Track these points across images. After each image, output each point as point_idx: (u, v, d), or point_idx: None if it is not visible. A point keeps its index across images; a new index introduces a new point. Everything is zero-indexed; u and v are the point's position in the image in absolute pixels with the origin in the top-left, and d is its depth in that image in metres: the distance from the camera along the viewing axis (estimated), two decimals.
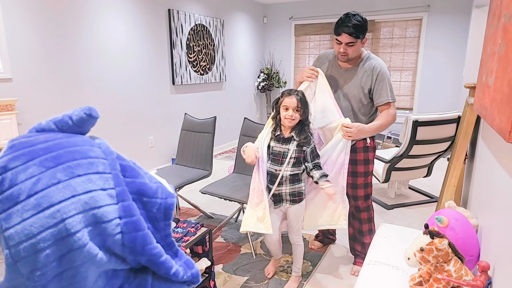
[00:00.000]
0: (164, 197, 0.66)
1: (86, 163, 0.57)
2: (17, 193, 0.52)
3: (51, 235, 0.51)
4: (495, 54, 1.36)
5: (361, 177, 2.31)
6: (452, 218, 1.56)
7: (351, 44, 2.07)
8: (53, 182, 0.53)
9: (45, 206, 0.52)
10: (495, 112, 1.16)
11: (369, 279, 1.58)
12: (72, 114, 0.61)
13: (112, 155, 0.63)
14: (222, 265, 2.53)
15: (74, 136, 0.61)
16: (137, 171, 0.65)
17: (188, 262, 0.70)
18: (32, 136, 0.58)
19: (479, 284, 1.18)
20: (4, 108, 2.88)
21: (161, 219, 0.66)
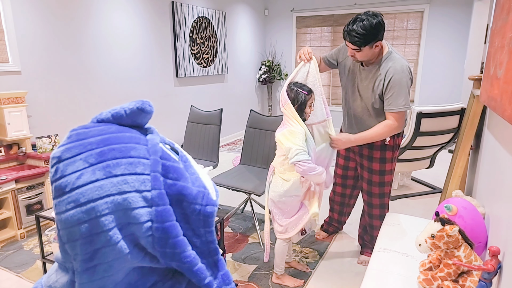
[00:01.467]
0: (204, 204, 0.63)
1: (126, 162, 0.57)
2: (64, 184, 0.55)
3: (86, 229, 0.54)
4: (504, 47, 1.40)
5: (377, 175, 2.28)
6: (461, 207, 1.61)
7: (357, 50, 1.98)
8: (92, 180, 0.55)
9: (82, 202, 0.54)
10: (506, 103, 1.21)
11: (379, 265, 1.63)
12: (126, 107, 0.62)
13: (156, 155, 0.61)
14: (231, 254, 2.59)
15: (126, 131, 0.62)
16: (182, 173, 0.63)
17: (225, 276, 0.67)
18: (90, 127, 0.60)
19: (489, 268, 1.23)
20: (14, 100, 2.91)
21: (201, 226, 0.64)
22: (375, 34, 1.91)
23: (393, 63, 2.01)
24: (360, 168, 2.37)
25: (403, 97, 2.00)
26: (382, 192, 2.33)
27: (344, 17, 6.15)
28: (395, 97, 2.00)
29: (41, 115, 3.33)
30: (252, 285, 2.25)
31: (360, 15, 1.94)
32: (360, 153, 2.33)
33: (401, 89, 1.99)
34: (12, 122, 2.93)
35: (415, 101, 5.99)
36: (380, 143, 2.21)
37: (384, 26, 1.96)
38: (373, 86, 2.08)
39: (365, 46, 1.94)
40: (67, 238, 0.55)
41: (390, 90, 2.00)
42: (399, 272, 1.58)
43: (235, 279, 2.30)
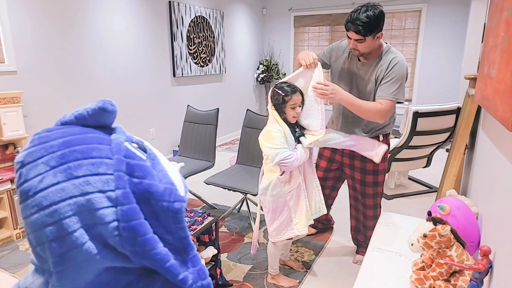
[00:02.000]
0: (172, 200, 0.62)
1: (87, 163, 0.57)
2: (28, 189, 0.54)
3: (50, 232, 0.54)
4: (497, 47, 1.40)
5: (370, 175, 2.27)
6: (454, 206, 1.61)
7: (360, 41, 1.96)
8: (53, 183, 0.54)
9: (45, 205, 0.53)
10: (498, 103, 1.21)
11: (373, 264, 1.63)
12: (89, 108, 0.61)
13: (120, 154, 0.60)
14: (226, 254, 2.59)
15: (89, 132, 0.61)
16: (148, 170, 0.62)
17: (201, 272, 0.67)
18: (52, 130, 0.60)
19: (480, 267, 1.23)
20: (10, 100, 2.90)
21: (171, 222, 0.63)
22: (378, 23, 1.93)
23: (396, 55, 2.03)
24: (351, 169, 2.34)
25: (398, 88, 1.99)
26: (376, 192, 2.32)
27: (342, 16, 6.15)
28: (389, 84, 1.99)
29: (37, 115, 3.32)
30: (247, 285, 2.25)
31: (361, 6, 1.95)
32: (351, 154, 2.28)
33: (398, 79, 1.99)
34: (8, 122, 2.92)
35: (412, 100, 5.99)
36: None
37: (384, 16, 1.97)
38: (376, 77, 2.06)
39: (369, 36, 1.93)
40: (35, 242, 0.55)
41: (388, 77, 1.99)
42: (392, 271, 1.58)
43: (230, 279, 2.31)
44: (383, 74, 2.01)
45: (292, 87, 1.95)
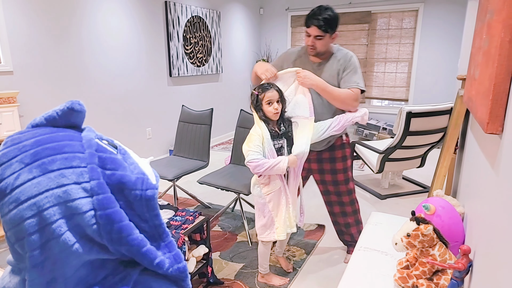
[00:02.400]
0: (144, 188, 0.66)
1: (61, 158, 0.60)
2: (4, 187, 0.57)
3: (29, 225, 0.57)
4: (481, 48, 1.42)
5: (341, 173, 2.34)
6: (439, 206, 1.63)
7: (319, 38, 2.05)
8: (29, 178, 0.57)
9: (23, 199, 0.56)
10: (478, 104, 1.23)
11: (359, 264, 1.65)
12: (58, 109, 0.64)
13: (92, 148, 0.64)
14: (219, 253, 2.61)
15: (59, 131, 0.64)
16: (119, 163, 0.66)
17: (177, 256, 0.70)
18: (24, 132, 0.63)
19: (460, 266, 1.25)
20: (6, 100, 2.92)
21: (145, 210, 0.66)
22: (336, 23, 2.08)
23: (345, 51, 2.20)
24: (320, 174, 2.38)
25: (359, 77, 2.14)
26: (349, 189, 2.38)
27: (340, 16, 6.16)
28: (352, 75, 2.13)
29: (33, 115, 3.34)
30: (238, 283, 2.27)
31: (321, 5, 2.08)
32: (319, 158, 2.34)
33: (357, 69, 2.15)
34: (3, 122, 2.94)
35: (409, 100, 6.01)
36: (339, 142, 2.32)
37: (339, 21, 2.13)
38: (337, 72, 2.16)
39: (328, 33, 2.05)
40: (15, 238, 0.57)
41: (349, 68, 2.13)
42: (377, 270, 1.60)
43: (222, 277, 2.33)
44: (344, 67, 2.15)
45: (266, 85, 2.00)
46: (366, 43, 6.13)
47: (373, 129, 5.89)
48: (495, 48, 1.00)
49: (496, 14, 1.09)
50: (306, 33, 2.11)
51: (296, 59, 2.25)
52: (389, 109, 6.23)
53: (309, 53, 2.17)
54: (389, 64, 6.05)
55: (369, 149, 3.69)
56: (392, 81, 6.08)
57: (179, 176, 2.99)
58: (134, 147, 4.51)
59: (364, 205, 3.47)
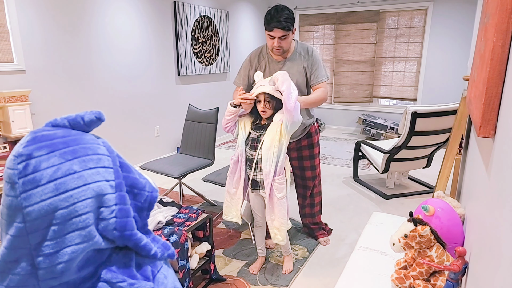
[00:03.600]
0: (150, 191, 0.79)
1: (96, 158, 0.69)
2: (39, 178, 0.63)
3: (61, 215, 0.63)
4: (479, 51, 1.42)
5: (317, 157, 2.56)
6: (438, 207, 1.64)
7: (284, 37, 2.15)
8: (70, 172, 0.65)
9: (61, 191, 0.63)
10: (474, 107, 1.24)
11: (358, 263, 1.67)
12: (84, 116, 0.72)
13: (113, 153, 0.74)
14: (222, 250, 2.65)
15: (85, 134, 0.73)
16: (130, 168, 0.77)
17: (165, 245, 0.81)
18: (51, 130, 0.69)
19: (455, 268, 1.26)
20: (18, 99, 3.00)
21: (146, 209, 0.78)
22: (294, 18, 2.19)
23: (305, 45, 2.33)
24: (299, 161, 2.56)
25: (324, 69, 2.32)
26: (319, 172, 2.63)
27: (347, 15, 6.15)
28: (319, 69, 2.29)
29: (44, 113, 3.42)
30: (241, 280, 2.30)
31: (277, 6, 2.15)
32: (298, 147, 2.52)
33: (321, 63, 2.32)
34: (16, 120, 3.02)
35: (417, 100, 5.97)
36: (314, 129, 2.52)
37: None
38: (305, 68, 2.30)
39: (291, 30, 2.15)
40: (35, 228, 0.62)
41: (314, 65, 2.28)
42: (376, 270, 1.62)
43: (224, 274, 2.36)
44: (310, 63, 2.29)
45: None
46: (375, 42, 6.11)
47: (380, 129, 5.87)
48: (488, 52, 1.01)
49: (491, 18, 1.10)
50: (269, 36, 2.19)
51: (261, 61, 2.36)
52: (397, 108, 6.19)
53: (275, 54, 2.26)
54: (398, 63, 6.02)
55: (375, 149, 3.68)
56: (400, 80, 6.05)
57: (185, 174, 3.04)
58: (142, 145, 4.58)
59: (368, 204, 3.48)
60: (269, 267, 2.44)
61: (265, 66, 2.35)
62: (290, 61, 2.30)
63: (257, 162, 2.09)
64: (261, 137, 2.07)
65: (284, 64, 2.31)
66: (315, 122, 2.56)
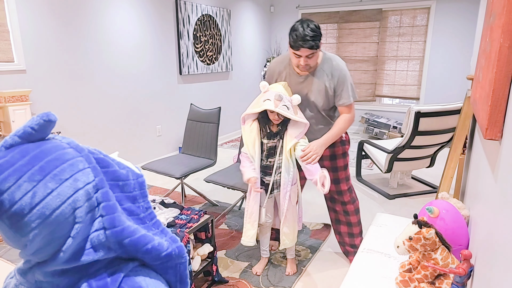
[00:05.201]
0: (135, 178, 0.74)
1: (68, 166, 0.64)
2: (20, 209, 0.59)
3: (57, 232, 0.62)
4: (484, 51, 1.40)
5: (342, 171, 2.32)
6: (443, 209, 1.62)
7: (311, 56, 1.98)
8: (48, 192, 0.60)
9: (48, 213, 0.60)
10: (480, 109, 1.22)
11: (361, 265, 1.66)
12: (32, 124, 0.65)
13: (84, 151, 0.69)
14: (225, 251, 2.63)
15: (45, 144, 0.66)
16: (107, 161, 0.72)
17: (173, 238, 0.76)
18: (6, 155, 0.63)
19: (461, 272, 1.24)
20: (18, 98, 2.99)
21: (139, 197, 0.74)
22: (320, 33, 2.00)
23: (333, 61, 2.10)
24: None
25: (351, 89, 2.12)
26: (350, 187, 2.37)
27: (350, 13, 6.11)
28: (348, 89, 2.10)
29: None
30: (243, 282, 2.29)
31: (302, 22, 1.97)
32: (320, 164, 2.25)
33: (348, 83, 2.10)
34: (16, 120, 3.02)
35: (420, 99, 5.94)
36: (339, 139, 2.28)
37: None
38: (324, 86, 2.11)
39: (318, 48, 1.99)
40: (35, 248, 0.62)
41: (342, 84, 2.09)
42: (380, 273, 1.60)
43: (227, 275, 2.35)
44: (334, 84, 2.10)
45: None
46: (377, 41, 6.07)
47: (383, 128, 5.84)
48: (495, 53, 0.99)
49: (497, 18, 1.08)
50: (294, 54, 2.00)
51: (282, 72, 2.21)
52: (400, 107, 6.16)
53: (302, 71, 2.09)
54: (400, 62, 5.98)
55: (378, 149, 3.66)
56: (403, 79, 6.02)
57: (187, 174, 3.03)
58: (143, 145, 4.57)
59: (371, 204, 3.46)
60: (272, 268, 2.43)
61: (285, 77, 2.19)
62: (312, 77, 2.11)
63: (278, 167, 2.14)
64: (278, 143, 2.11)
65: (305, 79, 2.13)
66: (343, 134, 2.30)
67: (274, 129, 2.11)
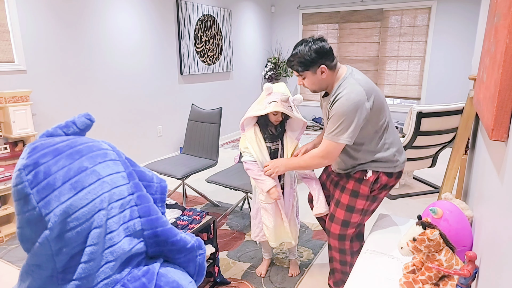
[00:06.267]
0: (158, 182, 0.79)
1: (102, 153, 0.69)
2: (53, 181, 0.61)
3: (82, 214, 0.62)
4: (489, 51, 1.39)
5: (342, 209, 1.93)
6: (446, 210, 1.62)
7: (301, 77, 1.83)
8: (82, 169, 0.64)
9: (79, 189, 0.62)
10: (484, 109, 1.21)
11: (365, 267, 1.65)
12: (76, 120, 0.72)
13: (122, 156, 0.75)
14: (227, 252, 2.63)
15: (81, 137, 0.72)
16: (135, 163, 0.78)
17: (190, 234, 0.82)
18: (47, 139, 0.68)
19: (465, 273, 1.23)
20: (19, 99, 2.98)
21: (158, 200, 0.78)
22: (314, 58, 1.75)
23: (343, 89, 1.75)
24: (330, 199, 2.07)
25: (337, 127, 1.73)
26: (344, 234, 1.94)
27: (351, 13, 6.11)
28: (330, 123, 1.77)
29: (46, 113, 3.41)
30: (245, 283, 2.28)
31: (303, 41, 1.81)
32: (335, 182, 2.04)
33: (339, 118, 1.72)
34: (17, 120, 3.01)
35: (421, 99, 5.93)
36: (358, 176, 1.89)
37: (327, 51, 1.77)
38: (326, 112, 1.88)
39: (305, 71, 1.79)
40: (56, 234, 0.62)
41: (330, 113, 1.78)
42: (383, 274, 1.60)
43: (229, 276, 2.34)
44: (330, 110, 1.79)
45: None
46: (378, 41, 6.07)
47: None
48: (500, 54, 0.99)
49: (503, 18, 1.07)
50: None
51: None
52: (401, 107, 6.15)
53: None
54: (401, 62, 5.98)
55: None
56: (404, 79, 6.01)
57: (189, 175, 3.02)
58: (144, 145, 4.56)
59: None
60: (274, 269, 2.42)
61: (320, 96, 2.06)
62: (325, 100, 1.92)
63: None
64: (279, 146, 2.15)
65: (323, 99, 1.97)
66: (369, 171, 1.88)
67: (274, 131, 2.12)
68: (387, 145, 1.87)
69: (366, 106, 1.73)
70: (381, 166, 1.87)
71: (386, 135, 1.87)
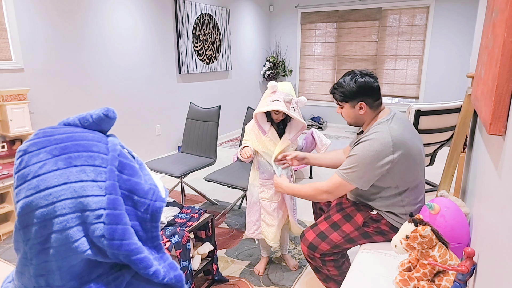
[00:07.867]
0: (153, 199, 0.70)
1: (86, 155, 0.64)
2: (27, 173, 0.61)
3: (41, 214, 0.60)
4: (486, 47, 1.39)
5: (327, 224, 1.85)
6: (443, 206, 1.61)
7: (340, 107, 1.82)
8: (53, 169, 0.61)
9: (41, 188, 0.60)
10: (482, 105, 1.21)
11: (362, 265, 1.65)
12: (93, 113, 0.70)
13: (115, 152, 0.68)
14: (225, 250, 2.62)
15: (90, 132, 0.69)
16: (136, 171, 0.69)
17: (172, 265, 0.72)
18: (57, 127, 0.67)
19: (463, 269, 1.23)
20: (16, 97, 2.97)
21: (148, 220, 0.69)
22: (356, 92, 1.72)
23: (372, 134, 1.68)
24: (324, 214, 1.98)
25: (352, 167, 1.68)
26: (315, 245, 1.84)
27: (349, 13, 6.11)
28: (347, 160, 1.72)
29: (43, 112, 3.40)
30: (243, 281, 2.28)
31: (352, 72, 1.79)
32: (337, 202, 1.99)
33: (356, 159, 1.67)
34: (14, 119, 3.00)
35: (419, 98, 5.94)
36: (362, 207, 1.85)
37: (372, 88, 1.74)
38: None
39: (344, 102, 1.78)
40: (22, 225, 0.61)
41: (350, 153, 1.73)
42: (380, 272, 1.59)
43: (227, 274, 2.34)
44: (352, 147, 1.76)
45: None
46: (376, 40, 6.07)
47: None
48: (498, 48, 0.98)
49: (500, 13, 1.07)
50: None
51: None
52: (400, 106, 6.16)
53: None
54: (400, 61, 5.98)
55: None
56: (402, 78, 6.01)
57: (187, 173, 3.02)
58: (143, 144, 4.55)
59: None
60: (272, 267, 2.42)
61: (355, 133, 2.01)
62: (357, 138, 1.86)
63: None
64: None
65: (356, 137, 1.91)
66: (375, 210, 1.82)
67: (276, 128, 2.17)
68: (403, 203, 1.79)
69: (387, 159, 1.63)
70: (389, 216, 1.80)
71: (407, 193, 1.78)
